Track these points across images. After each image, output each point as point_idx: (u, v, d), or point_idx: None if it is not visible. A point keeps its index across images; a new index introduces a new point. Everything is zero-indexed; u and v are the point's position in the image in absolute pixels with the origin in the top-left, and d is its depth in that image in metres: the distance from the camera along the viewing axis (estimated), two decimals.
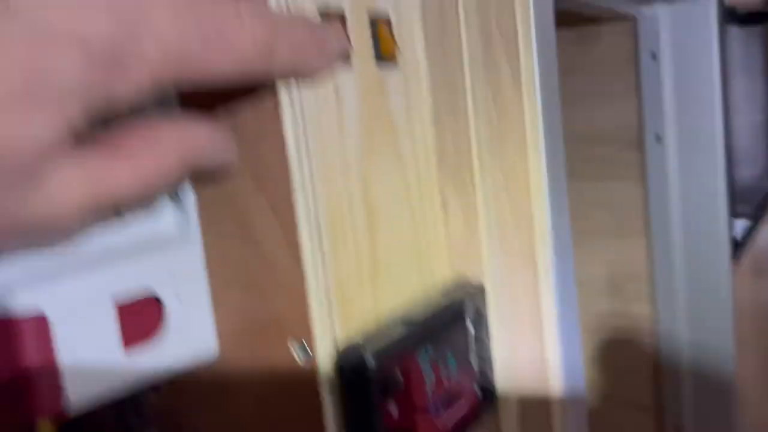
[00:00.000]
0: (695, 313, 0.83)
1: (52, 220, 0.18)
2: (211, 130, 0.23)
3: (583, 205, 0.87)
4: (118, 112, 0.19)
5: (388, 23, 0.29)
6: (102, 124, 0.19)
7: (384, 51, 0.28)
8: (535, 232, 0.32)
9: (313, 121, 0.25)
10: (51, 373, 0.23)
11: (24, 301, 0.23)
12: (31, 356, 0.23)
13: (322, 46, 0.23)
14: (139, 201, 0.20)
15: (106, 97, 0.18)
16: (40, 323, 0.23)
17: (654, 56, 0.79)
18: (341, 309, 0.26)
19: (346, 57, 0.26)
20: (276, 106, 0.24)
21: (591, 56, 0.83)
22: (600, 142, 0.85)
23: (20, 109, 0.16)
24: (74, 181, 0.18)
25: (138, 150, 0.20)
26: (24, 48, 0.16)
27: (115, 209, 0.21)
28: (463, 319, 0.31)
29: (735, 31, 1.13)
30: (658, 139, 0.80)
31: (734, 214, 0.83)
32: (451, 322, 0.30)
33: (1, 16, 0.15)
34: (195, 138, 0.22)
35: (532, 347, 0.33)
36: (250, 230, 0.26)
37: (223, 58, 0.19)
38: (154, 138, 0.21)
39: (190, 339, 0.27)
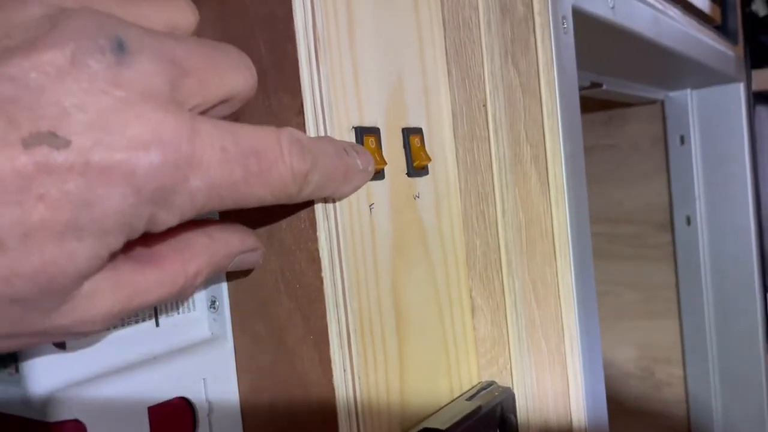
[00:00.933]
0: (728, 396, 0.81)
1: (80, 327, 0.19)
2: (241, 236, 0.24)
3: (612, 285, 0.87)
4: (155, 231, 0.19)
5: (420, 135, 0.30)
6: None
7: (416, 162, 0.30)
8: (565, 337, 0.32)
9: (346, 233, 0.26)
10: None
11: (61, 406, 0.23)
12: None
13: (349, 170, 0.24)
14: (167, 302, 0.21)
15: (148, 225, 0.18)
16: (77, 428, 0.24)
17: (683, 139, 0.79)
18: (369, 419, 0.26)
19: (370, 175, 0.26)
20: (311, 221, 0.25)
21: (620, 137, 0.84)
22: (629, 222, 0.85)
23: (64, 241, 0.16)
24: (105, 292, 0.19)
25: (168, 257, 0.21)
26: (74, 180, 0.16)
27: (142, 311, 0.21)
28: (492, 425, 0.31)
29: (762, 112, 1.14)
30: (689, 221, 0.80)
31: (766, 292, 0.81)
32: (479, 428, 0.30)
33: (52, 146, 0.16)
34: (225, 244, 0.23)
35: None
36: (282, 337, 0.27)
37: (262, 189, 0.20)
38: (184, 245, 0.21)
39: None
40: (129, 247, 0.20)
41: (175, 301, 0.28)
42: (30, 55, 0.16)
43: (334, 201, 0.25)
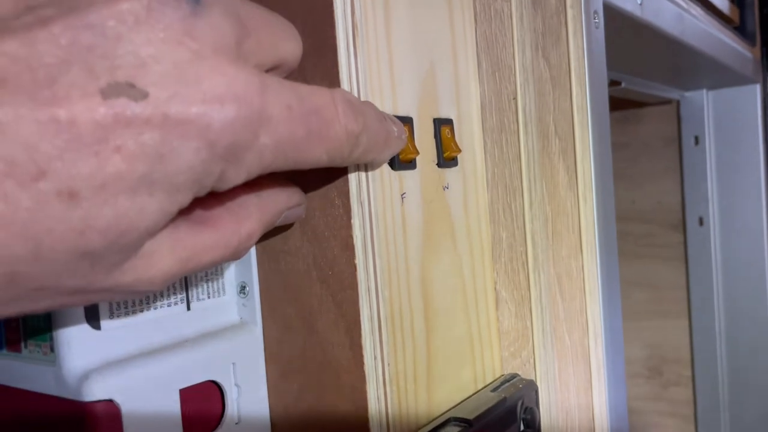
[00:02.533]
0: (736, 397, 0.81)
1: (139, 285, 0.19)
2: (287, 192, 0.24)
3: (622, 284, 0.86)
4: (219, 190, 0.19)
5: (451, 126, 0.30)
6: None
7: (446, 153, 0.30)
8: (589, 330, 0.32)
9: (379, 221, 0.26)
10: None
11: (96, 386, 0.23)
12: None
13: (389, 136, 0.24)
14: (221, 264, 0.21)
15: (217, 182, 0.18)
16: (110, 408, 0.24)
17: (697, 140, 0.79)
18: (397, 406, 0.27)
19: (404, 143, 0.26)
20: (346, 207, 0.25)
21: (634, 136, 0.84)
22: (641, 221, 0.85)
23: (137, 195, 0.16)
24: (164, 252, 0.19)
25: (223, 218, 0.21)
26: (150, 133, 0.16)
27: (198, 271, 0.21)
28: (515, 417, 0.31)
29: None
30: (701, 221, 0.80)
31: None
32: (503, 420, 0.30)
33: (130, 97, 0.16)
34: (274, 202, 0.23)
35: None
36: (313, 323, 0.27)
37: (320, 148, 0.20)
38: (237, 205, 0.21)
39: (245, 426, 0.28)
40: (187, 209, 0.19)
41: (229, 262, 0.28)
42: (108, 3, 0.15)
43: (368, 189, 0.25)
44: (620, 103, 0.79)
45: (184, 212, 0.19)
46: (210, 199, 0.20)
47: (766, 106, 0.78)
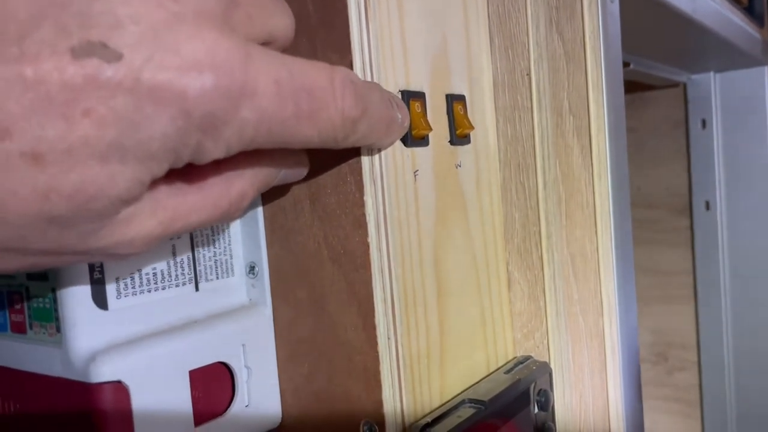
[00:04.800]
0: (742, 382, 0.81)
1: (119, 248, 0.18)
2: (284, 152, 0.22)
3: None
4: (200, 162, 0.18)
5: (463, 102, 0.30)
6: None
7: (459, 130, 0.29)
8: (603, 312, 0.32)
9: (392, 199, 0.25)
10: None
11: (104, 367, 0.23)
12: (109, 421, 0.23)
13: (392, 123, 0.23)
14: (213, 225, 0.20)
15: (194, 154, 0.17)
16: (119, 390, 0.23)
17: (704, 123, 0.79)
18: (410, 388, 0.26)
19: (405, 130, 0.25)
20: (359, 185, 0.25)
21: (640, 120, 0.83)
22: (647, 206, 0.84)
23: (107, 161, 0.16)
24: (144, 215, 0.18)
25: (210, 178, 0.20)
26: (122, 97, 0.15)
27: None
28: (529, 399, 0.30)
29: None
30: (708, 205, 0.79)
31: None
32: (516, 402, 0.30)
33: (103, 58, 0.15)
34: (269, 160, 0.22)
35: (598, 428, 0.32)
36: (324, 304, 0.26)
37: (311, 128, 0.19)
38: (226, 164, 0.20)
39: (255, 408, 0.27)
40: (170, 171, 0.18)
41: (222, 223, 0.27)
42: None
43: (381, 166, 0.25)
44: (628, 86, 0.78)
45: (167, 174, 0.18)
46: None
47: None
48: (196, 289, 0.26)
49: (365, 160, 0.25)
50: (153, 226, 0.18)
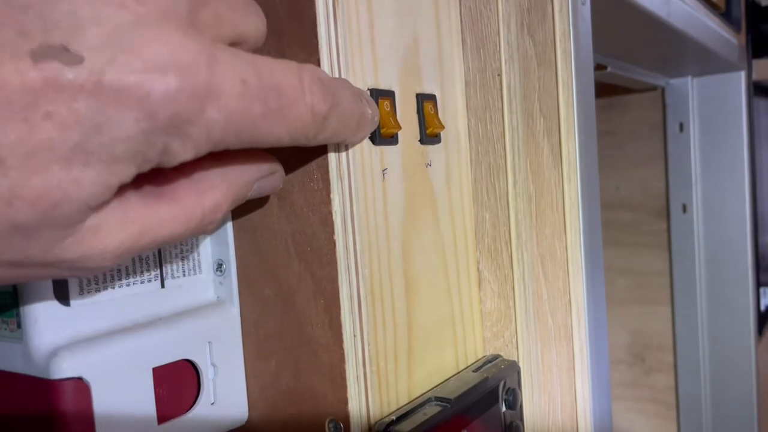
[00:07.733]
0: (718, 383, 0.81)
1: (87, 262, 0.18)
2: (258, 160, 0.22)
3: (606, 270, 0.87)
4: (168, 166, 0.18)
5: (434, 102, 0.30)
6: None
7: (429, 129, 0.29)
8: (572, 311, 0.32)
9: (359, 197, 0.25)
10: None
11: (64, 363, 0.23)
12: (69, 419, 0.23)
13: (363, 118, 0.23)
14: (186, 239, 0.20)
15: (160, 157, 0.17)
16: (79, 386, 0.23)
17: (682, 127, 0.79)
18: (377, 386, 0.26)
19: (375, 125, 0.25)
20: (326, 182, 0.25)
21: (620, 123, 0.84)
22: (625, 208, 0.85)
23: (71, 165, 0.15)
24: (113, 227, 0.18)
25: (181, 190, 0.20)
26: (84, 100, 0.15)
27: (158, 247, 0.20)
28: (497, 398, 0.30)
29: (760, 103, 1.14)
30: (685, 208, 0.80)
31: (758, 283, 0.82)
32: (484, 401, 0.30)
33: (63, 61, 0.15)
34: (242, 171, 0.22)
35: (566, 428, 0.33)
36: (291, 301, 0.26)
37: (281, 127, 0.19)
38: (199, 176, 0.20)
39: (221, 406, 0.27)
40: (140, 181, 0.18)
41: (196, 237, 0.27)
42: None
43: (349, 163, 0.25)
44: (606, 89, 0.78)
45: (137, 184, 0.18)
46: (169, 171, 0.19)
47: (751, 93, 0.78)
48: (162, 286, 0.26)
49: (332, 157, 0.25)
50: (123, 238, 0.18)
